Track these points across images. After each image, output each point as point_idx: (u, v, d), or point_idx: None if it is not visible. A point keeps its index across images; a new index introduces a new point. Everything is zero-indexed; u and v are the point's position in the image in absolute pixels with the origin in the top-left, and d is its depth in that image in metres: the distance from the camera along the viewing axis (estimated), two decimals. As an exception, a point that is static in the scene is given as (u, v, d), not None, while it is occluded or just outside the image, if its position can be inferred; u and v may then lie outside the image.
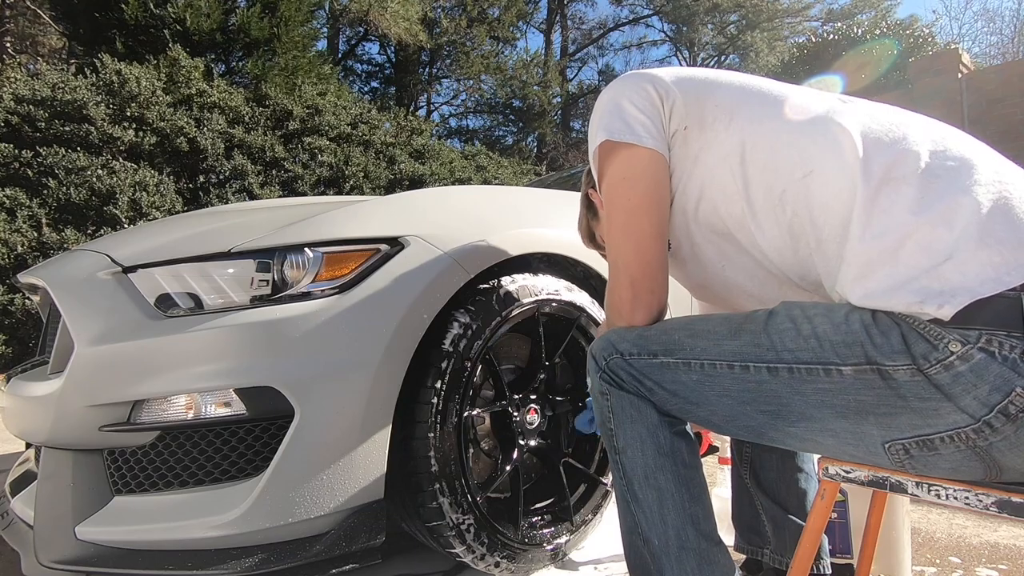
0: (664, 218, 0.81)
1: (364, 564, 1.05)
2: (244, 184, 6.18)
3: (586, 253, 1.41)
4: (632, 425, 0.77)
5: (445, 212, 1.25)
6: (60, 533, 0.99)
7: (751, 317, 0.73)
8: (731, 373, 0.71)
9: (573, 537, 1.33)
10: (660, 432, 0.76)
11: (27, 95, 5.30)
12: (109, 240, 1.25)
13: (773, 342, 0.69)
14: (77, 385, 1.00)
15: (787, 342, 0.68)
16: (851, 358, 0.63)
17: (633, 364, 0.77)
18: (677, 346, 0.75)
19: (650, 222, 0.79)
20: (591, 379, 0.82)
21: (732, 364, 0.71)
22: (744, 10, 17.60)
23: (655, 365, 0.76)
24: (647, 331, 0.79)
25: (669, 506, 0.74)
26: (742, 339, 0.71)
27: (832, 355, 0.64)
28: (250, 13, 7.63)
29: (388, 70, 16.71)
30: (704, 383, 0.73)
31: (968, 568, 1.30)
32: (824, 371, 0.65)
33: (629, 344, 0.78)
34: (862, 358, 0.63)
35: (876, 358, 0.62)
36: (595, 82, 19.87)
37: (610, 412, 0.79)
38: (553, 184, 2.86)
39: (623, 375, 0.78)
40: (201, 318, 1.00)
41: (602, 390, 0.80)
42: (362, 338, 1.03)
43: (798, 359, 0.67)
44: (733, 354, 0.71)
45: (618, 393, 0.78)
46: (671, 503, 0.74)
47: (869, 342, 0.63)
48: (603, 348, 0.80)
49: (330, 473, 0.99)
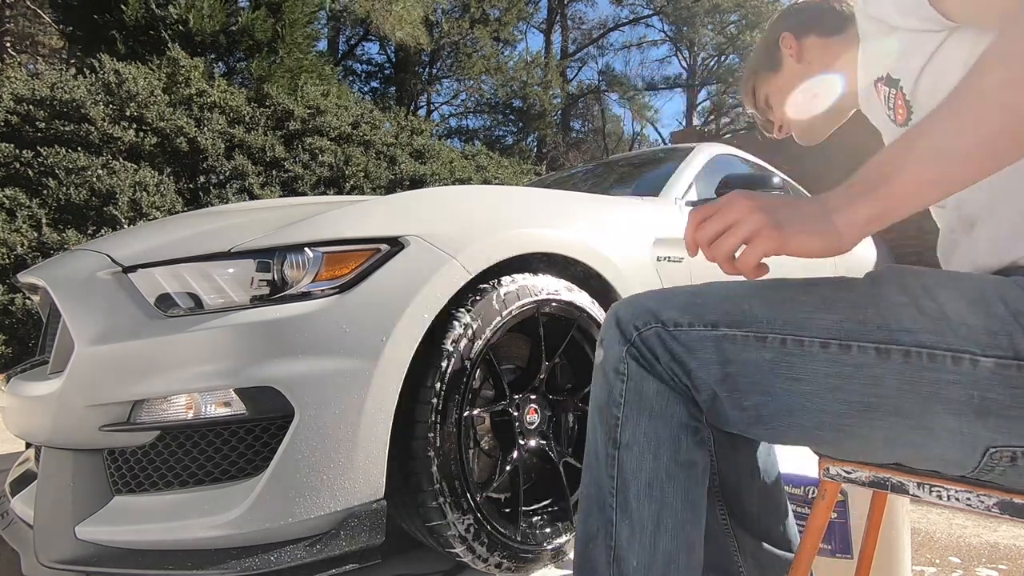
0: None
1: (364, 564, 1.05)
2: (244, 184, 6.18)
3: (586, 253, 1.42)
4: (651, 421, 0.62)
5: (445, 212, 1.25)
6: (60, 533, 0.99)
7: (843, 284, 0.60)
8: (824, 353, 0.56)
9: (573, 537, 1.33)
10: (684, 437, 0.62)
11: (26, 95, 5.30)
12: (109, 240, 1.25)
13: (885, 318, 0.55)
14: (77, 385, 1.00)
15: (904, 319, 0.55)
16: (993, 348, 0.51)
17: (679, 337, 0.60)
18: (747, 317, 0.59)
19: None
20: (606, 351, 0.64)
21: (827, 342, 0.56)
22: (744, 10, 17.61)
23: (713, 338, 0.59)
24: (698, 296, 0.62)
25: (667, 526, 0.62)
26: (838, 311, 0.57)
27: (968, 342, 0.52)
28: (255, 15, 7.64)
29: (388, 70, 16.73)
30: (780, 363, 0.58)
31: (968, 568, 1.30)
32: (954, 359, 0.53)
33: (676, 311, 0.61)
34: (1009, 350, 0.51)
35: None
36: (595, 82, 19.89)
37: (622, 397, 0.62)
38: (553, 184, 2.86)
39: (659, 352, 0.60)
40: (201, 318, 1.00)
41: (620, 368, 0.62)
42: (362, 338, 1.03)
43: (919, 342, 0.54)
44: (828, 330, 0.57)
45: (643, 375, 0.62)
46: (671, 523, 0.62)
47: (1021, 331, 0.51)
48: (636, 313, 0.62)
49: (330, 473, 0.99)
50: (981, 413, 0.53)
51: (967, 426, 0.54)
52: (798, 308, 0.59)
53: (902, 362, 0.54)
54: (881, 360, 0.55)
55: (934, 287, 0.56)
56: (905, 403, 0.55)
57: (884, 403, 0.56)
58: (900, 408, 0.56)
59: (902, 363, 0.54)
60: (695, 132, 8.09)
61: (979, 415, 0.53)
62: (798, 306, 0.59)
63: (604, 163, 3.04)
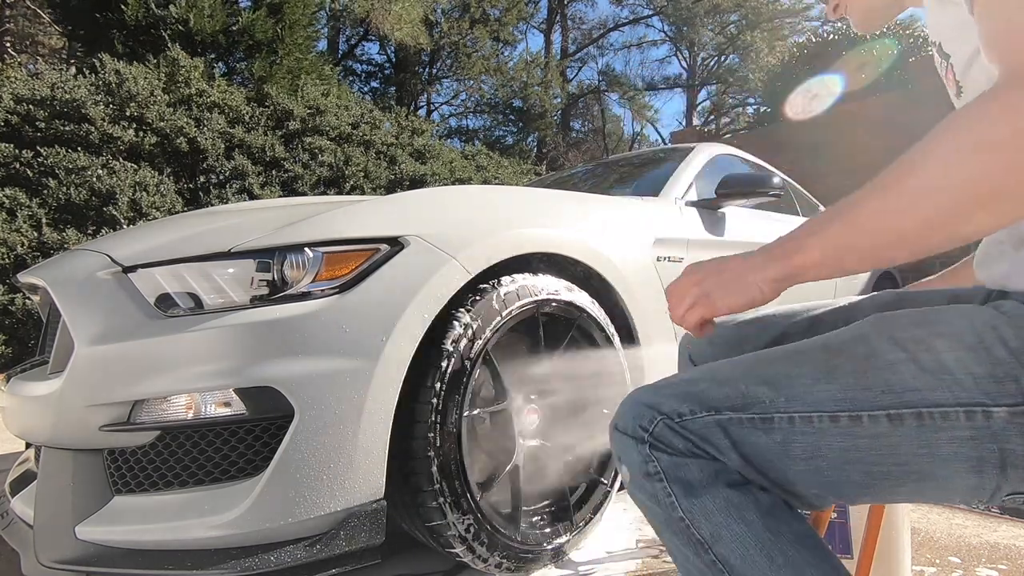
0: None
1: (364, 564, 1.05)
2: (244, 184, 6.18)
3: (586, 253, 1.42)
4: (714, 497, 0.55)
5: (445, 212, 1.25)
6: (60, 533, 0.99)
7: (830, 346, 0.58)
8: (835, 427, 0.54)
9: (573, 537, 1.33)
10: (754, 490, 0.56)
11: (26, 95, 5.30)
12: (109, 240, 1.25)
13: (887, 380, 0.53)
14: (77, 385, 1.00)
15: (907, 378, 0.52)
16: (1003, 396, 0.49)
17: (687, 426, 0.57)
18: (747, 398, 0.57)
19: None
20: (627, 464, 0.59)
21: (837, 415, 0.54)
22: (744, 10, 17.61)
23: (719, 423, 0.56)
24: (692, 384, 0.60)
25: None
26: (840, 379, 0.55)
27: (976, 393, 0.50)
28: (255, 16, 7.64)
29: (388, 70, 16.74)
30: (792, 443, 0.55)
31: (968, 568, 1.30)
32: (967, 414, 0.50)
33: (675, 400, 0.58)
34: (1019, 395, 0.48)
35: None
36: (595, 82, 19.89)
37: (670, 496, 0.56)
38: (553, 184, 2.86)
39: (676, 441, 0.56)
40: (201, 318, 1.00)
41: (650, 469, 0.57)
42: (362, 338, 1.03)
43: (928, 400, 0.51)
44: (834, 402, 0.54)
45: (675, 462, 0.56)
46: (815, 572, 0.54)
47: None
48: (637, 414, 0.59)
49: (330, 473, 0.99)
50: (1003, 466, 0.51)
51: (989, 481, 0.52)
52: (797, 382, 0.56)
53: (917, 426, 0.52)
54: (895, 427, 0.52)
55: (927, 337, 0.54)
56: (926, 467, 0.53)
57: (905, 469, 0.54)
58: (922, 472, 0.53)
59: (917, 427, 0.52)
60: (695, 132, 8.09)
61: (1001, 469, 0.51)
62: (796, 380, 0.57)
63: (604, 163, 3.04)
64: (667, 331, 1.59)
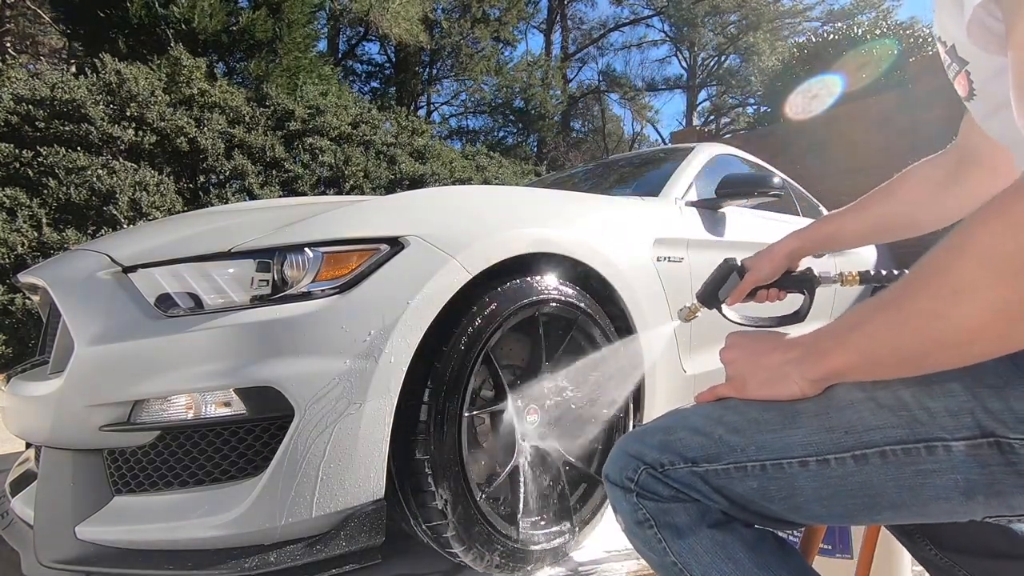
0: None
1: (364, 564, 1.05)
2: (244, 184, 6.19)
3: (586, 253, 1.42)
4: (701, 539, 0.57)
5: (445, 212, 1.25)
6: (60, 533, 0.99)
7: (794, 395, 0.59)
8: (805, 471, 0.56)
9: (573, 537, 1.33)
10: (740, 528, 0.59)
11: (27, 95, 5.30)
12: (109, 240, 1.25)
13: (849, 420, 0.55)
14: (77, 385, 1.00)
15: (867, 417, 0.54)
16: (960, 430, 0.50)
17: (670, 475, 0.59)
18: (721, 447, 0.58)
19: None
20: (619, 514, 0.63)
21: (805, 461, 0.55)
22: (744, 11, 17.61)
23: (697, 474, 0.58)
24: (670, 433, 0.61)
25: None
26: (804, 425, 0.56)
27: (934, 428, 0.51)
28: (256, 15, 7.65)
29: (388, 70, 16.73)
30: (768, 488, 0.57)
31: (968, 568, 1.30)
32: (927, 449, 0.51)
33: (656, 451, 0.60)
34: (975, 429, 0.50)
35: (994, 428, 0.49)
36: (595, 82, 19.90)
37: (661, 541, 0.58)
38: (553, 184, 2.86)
39: (661, 489, 0.59)
40: (201, 318, 1.00)
41: (639, 517, 0.59)
42: (362, 338, 1.03)
43: (890, 438, 0.53)
44: (802, 447, 0.56)
45: (662, 508, 0.59)
46: None
47: (980, 407, 0.50)
48: (623, 465, 0.61)
49: (330, 473, 0.99)
50: (968, 494, 0.52)
51: (960, 507, 0.53)
52: (765, 429, 0.58)
53: (881, 464, 0.53)
54: (860, 467, 0.54)
55: None
56: (898, 497, 0.55)
57: (880, 500, 0.55)
58: (896, 502, 0.55)
59: (881, 465, 0.53)
60: (695, 132, 8.09)
61: (967, 496, 0.52)
62: (765, 427, 0.58)
63: (604, 163, 3.04)
64: (667, 331, 1.59)
